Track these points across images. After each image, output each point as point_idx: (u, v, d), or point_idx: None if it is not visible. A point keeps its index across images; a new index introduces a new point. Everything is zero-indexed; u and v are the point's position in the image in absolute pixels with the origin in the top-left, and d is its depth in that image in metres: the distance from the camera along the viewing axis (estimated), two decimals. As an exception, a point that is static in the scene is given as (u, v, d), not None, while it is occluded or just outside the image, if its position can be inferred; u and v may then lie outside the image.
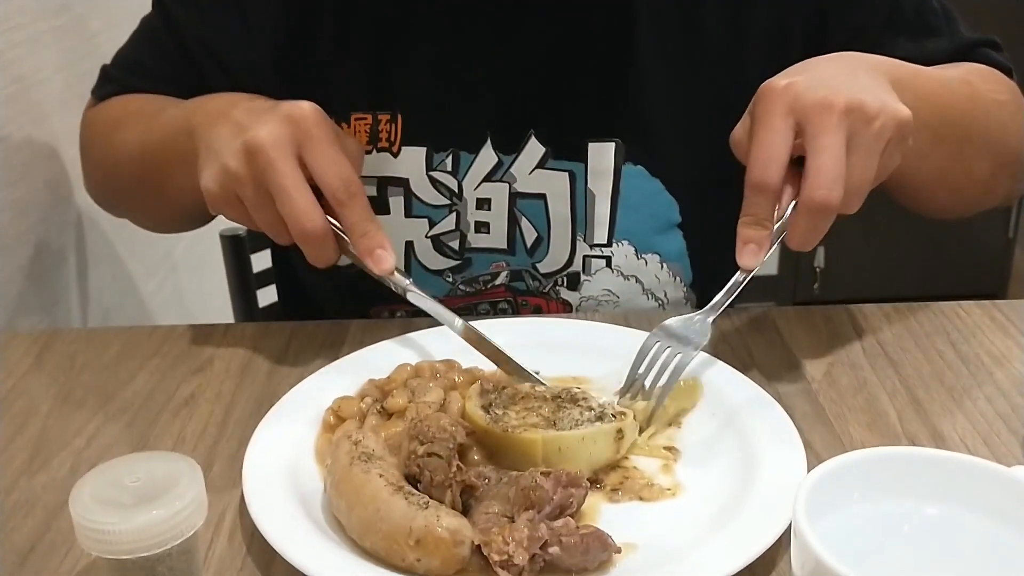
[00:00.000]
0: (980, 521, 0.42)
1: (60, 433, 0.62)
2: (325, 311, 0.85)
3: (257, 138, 0.60)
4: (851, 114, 0.56)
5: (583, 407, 0.57)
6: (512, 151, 0.78)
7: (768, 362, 0.68)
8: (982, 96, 0.74)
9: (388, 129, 0.78)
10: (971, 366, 0.67)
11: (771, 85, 0.59)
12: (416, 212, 0.79)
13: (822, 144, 0.56)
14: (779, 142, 0.57)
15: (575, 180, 0.78)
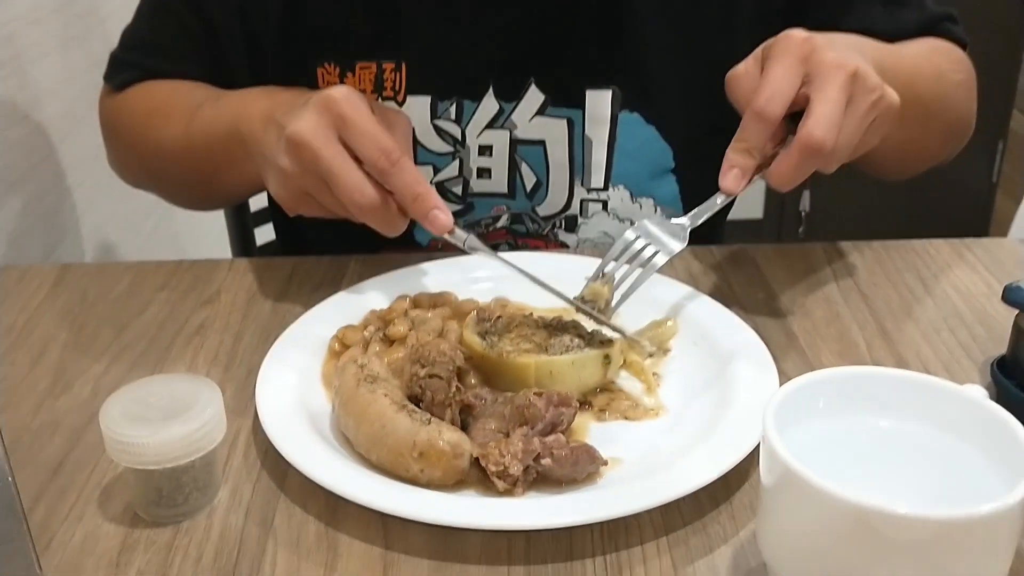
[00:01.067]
0: (932, 432, 0.46)
1: (78, 360, 0.65)
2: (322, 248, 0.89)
3: (297, 133, 0.63)
4: (857, 80, 0.60)
5: (573, 334, 0.61)
6: (513, 99, 0.80)
7: (747, 296, 0.72)
8: (945, 76, 0.79)
9: (393, 78, 0.80)
10: (938, 300, 0.71)
11: (792, 33, 0.62)
12: (421, 159, 0.82)
13: (828, 95, 0.59)
14: (788, 81, 0.60)
15: (573, 127, 0.81)
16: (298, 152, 0.63)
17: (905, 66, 0.73)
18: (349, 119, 0.63)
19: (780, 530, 0.44)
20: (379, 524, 0.50)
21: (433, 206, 0.64)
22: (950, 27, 0.82)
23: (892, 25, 0.79)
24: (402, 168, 0.63)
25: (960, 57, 0.83)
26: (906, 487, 0.44)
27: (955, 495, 0.42)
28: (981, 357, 0.64)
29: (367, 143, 0.63)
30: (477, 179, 0.83)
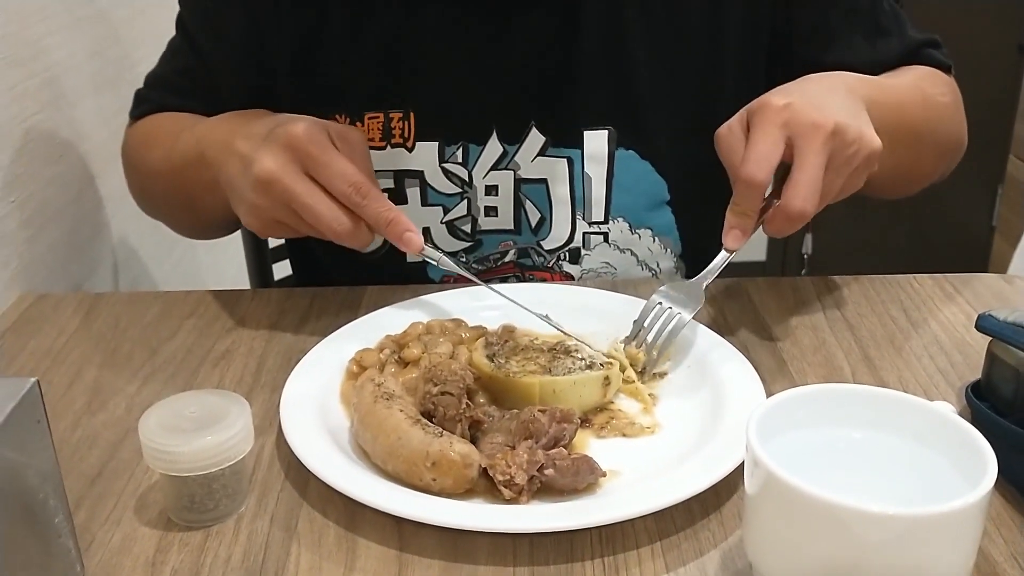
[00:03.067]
0: (904, 444, 0.50)
1: (112, 381, 0.70)
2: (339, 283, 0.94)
3: (265, 172, 0.67)
4: (835, 137, 0.65)
5: (575, 357, 0.65)
6: (515, 141, 0.85)
7: (740, 324, 0.76)
8: (932, 100, 0.84)
9: (401, 126, 0.85)
10: (919, 329, 0.76)
11: (770, 101, 0.66)
12: (431, 201, 0.87)
13: (808, 160, 0.64)
14: (772, 149, 0.65)
15: (573, 165, 0.86)
16: (268, 189, 0.68)
17: (893, 97, 0.79)
18: (315, 157, 0.67)
19: (763, 531, 0.48)
20: (394, 528, 0.54)
21: (405, 229, 0.69)
22: (933, 53, 0.88)
23: (875, 56, 0.85)
24: (372, 198, 0.68)
25: (945, 80, 0.88)
26: (879, 491, 0.48)
27: (923, 497, 0.46)
28: (958, 382, 0.68)
29: (337, 180, 0.67)
30: (485, 217, 0.88)
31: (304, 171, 0.68)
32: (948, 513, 0.43)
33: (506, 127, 0.85)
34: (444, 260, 0.72)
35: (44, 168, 0.91)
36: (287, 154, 0.68)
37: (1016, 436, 0.59)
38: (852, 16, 0.86)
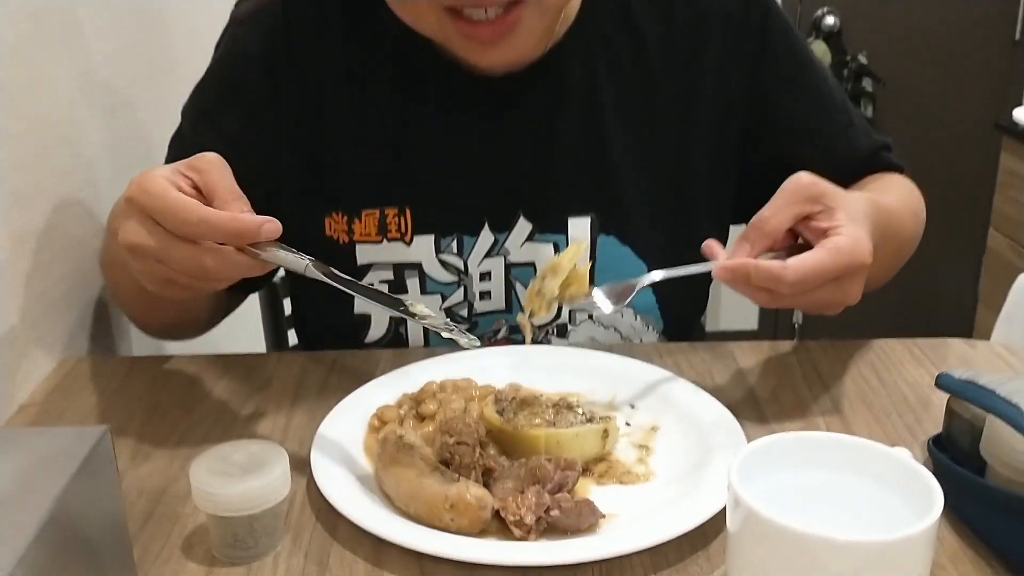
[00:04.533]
0: (867, 485, 0.57)
1: (154, 435, 0.77)
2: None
3: (125, 241, 0.68)
4: (860, 272, 0.72)
5: (577, 412, 0.72)
6: (505, 230, 0.92)
7: (726, 383, 0.84)
8: (918, 217, 0.93)
9: (397, 221, 0.90)
10: (889, 389, 0.83)
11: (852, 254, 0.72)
12: (430, 289, 0.93)
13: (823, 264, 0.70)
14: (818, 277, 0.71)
15: (558, 249, 0.92)
16: (134, 255, 0.68)
17: (896, 221, 0.87)
18: (150, 208, 0.66)
19: (744, 563, 0.55)
20: (416, 564, 0.61)
21: (258, 224, 0.66)
22: (889, 157, 0.97)
23: (848, 152, 0.94)
24: (210, 222, 0.65)
25: (915, 190, 0.97)
26: (843, 524, 0.55)
27: (880, 530, 0.53)
28: (922, 435, 0.75)
29: (171, 222, 0.66)
30: (479, 301, 0.94)
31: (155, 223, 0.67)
32: (901, 540, 0.49)
33: (496, 217, 0.91)
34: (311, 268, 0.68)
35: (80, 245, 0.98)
36: (136, 215, 0.67)
37: (972, 482, 0.66)
38: (824, 111, 0.94)
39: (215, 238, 0.66)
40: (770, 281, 0.71)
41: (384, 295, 0.70)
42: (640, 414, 0.77)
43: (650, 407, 0.78)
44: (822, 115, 0.94)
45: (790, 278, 0.70)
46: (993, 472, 0.65)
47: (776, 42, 0.92)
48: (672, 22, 0.90)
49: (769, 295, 0.72)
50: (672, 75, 0.91)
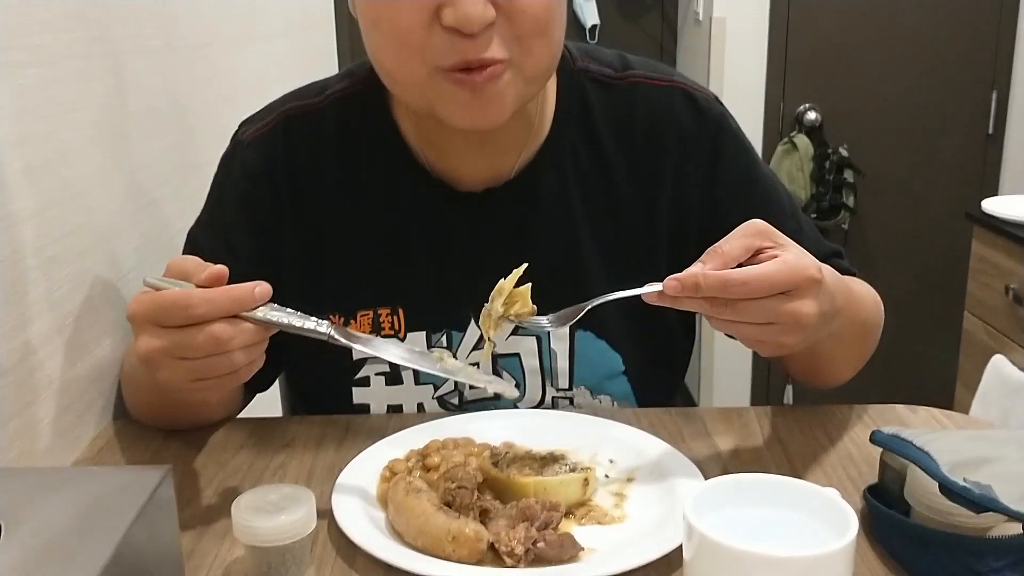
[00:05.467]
0: (800, 517, 0.68)
1: (192, 485, 0.88)
2: None
3: (142, 353, 0.76)
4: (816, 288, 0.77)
5: (561, 464, 0.84)
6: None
7: (694, 443, 0.95)
8: (875, 302, 1.01)
9: (390, 320, 1.00)
10: (837, 447, 0.94)
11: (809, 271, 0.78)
12: (423, 380, 1.02)
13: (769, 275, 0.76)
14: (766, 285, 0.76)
15: (541, 342, 1.01)
16: (155, 364, 0.76)
17: (856, 297, 0.94)
18: (151, 315, 0.74)
19: (697, 581, 0.66)
20: (423, 588, 0.71)
21: (251, 288, 0.75)
22: (841, 263, 1.03)
23: None
24: (207, 297, 0.73)
25: (872, 290, 1.04)
26: (779, 546, 0.66)
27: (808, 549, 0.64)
28: (862, 486, 0.86)
29: (175, 316, 0.73)
30: (469, 390, 1.03)
31: (161, 327, 0.75)
32: (824, 555, 0.61)
33: (482, 313, 0.99)
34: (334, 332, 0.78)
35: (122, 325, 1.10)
36: (143, 329, 0.75)
37: (898, 522, 0.77)
38: (774, 218, 1.01)
39: (218, 312, 0.73)
40: (718, 286, 0.75)
41: (414, 351, 0.82)
42: (618, 467, 0.88)
43: (627, 461, 0.89)
44: (771, 221, 1.04)
45: (737, 278, 0.75)
46: (916, 512, 0.77)
47: (727, 153, 1.02)
48: (633, 136, 1.01)
49: (720, 306, 0.76)
50: (634, 183, 1.01)
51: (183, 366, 0.76)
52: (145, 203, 1.14)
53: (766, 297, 0.76)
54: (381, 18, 0.85)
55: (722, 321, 0.79)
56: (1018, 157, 3.48)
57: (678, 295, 0.78)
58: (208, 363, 0.75)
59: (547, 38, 0.87)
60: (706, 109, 1.03)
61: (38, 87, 0.90)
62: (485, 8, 0.82)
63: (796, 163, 3.47)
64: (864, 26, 3.44)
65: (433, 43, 0.84)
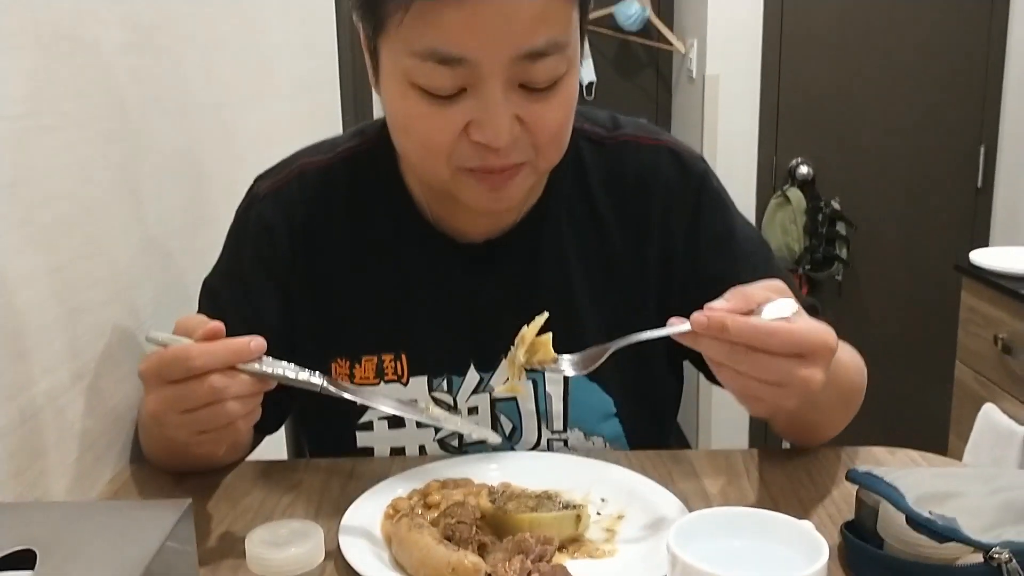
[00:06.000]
0: (776, 547, 0.73)
1: (206, 522, 0.92)
2: None
3: (150, 411, 0.84)
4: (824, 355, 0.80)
5: (555, 501, 0.89)
6: (489, 370, 1.06)
7: (683, 482, 1.00)
8: (859, 370, 1.06)
9: (393, 365, 1.05)
10: (818, 486, 0.99)
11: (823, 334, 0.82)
12: (425, 424, 1.03)
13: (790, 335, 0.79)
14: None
15: (537, 386, 1.06)
16: (162, 419, 0.83)
17: (841, 365, 0.94)
18: (157, 371, 0.81)
19: (681, 607, 0.70)
20: (425, 617, 0.76)
21: (247, 342, 0.81)
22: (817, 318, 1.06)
23: None
24: (206, 350, 0.80)
25: (854, 350, 1.08)
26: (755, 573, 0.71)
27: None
28: (840, 522, 0.91)
29: (176, 370, 0.80)
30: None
31: (169, 383, 0.81)
32: (795, 582, 0.66)
33: (481, 359, 1.05)
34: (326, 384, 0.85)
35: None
36: (150, 387, 0.83)
37: (872, 554, 0.82)
38: (750, 267, 1.06)
39: (216, 363, 0.80)
40: (747, 331, 0.78)
41: (401, 402, 0.88)
42: (609, 505, 0.93)
43: (618, 500, 0.94)
44: (747, 270, 1.05)
45: (766, 328, 0.78)
46: (888, 545, 0.81)
47: (708, 208, 1.09)
48: (623, 191, 1.08)
49: (738, 354, 0.79)
50: (625, 236, 1.08)
51: (186, 419, 0.82)
52: (161, 256, 1.20)
53: (783, 356, 0.79)
54: (411, 128, 0.93)
55: (730, 371, 0.81)
56: (1007, 209, 3.56)
57: (703, 332, 0.79)
58: (207, 413, 0.81)
59: (560, 143, 0.96)
60: (691, 167, 1.10)
61: (67, 148, 0.96)
62: (512, 127, 0.89)
63: (789, 216, 3.54)
64: (854, 83, 3.55)
65: (459, 150, 0.91)
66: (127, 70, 1.11)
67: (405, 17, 0.85)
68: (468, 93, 0.88)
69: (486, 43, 0.85)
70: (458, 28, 0.84)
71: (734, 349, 0.79)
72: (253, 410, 0.84)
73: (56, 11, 0.95)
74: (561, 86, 0.91)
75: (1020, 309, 2.45)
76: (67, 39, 0.97)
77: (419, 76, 0.88)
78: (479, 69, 0.86)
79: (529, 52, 0.86)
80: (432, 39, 0.85)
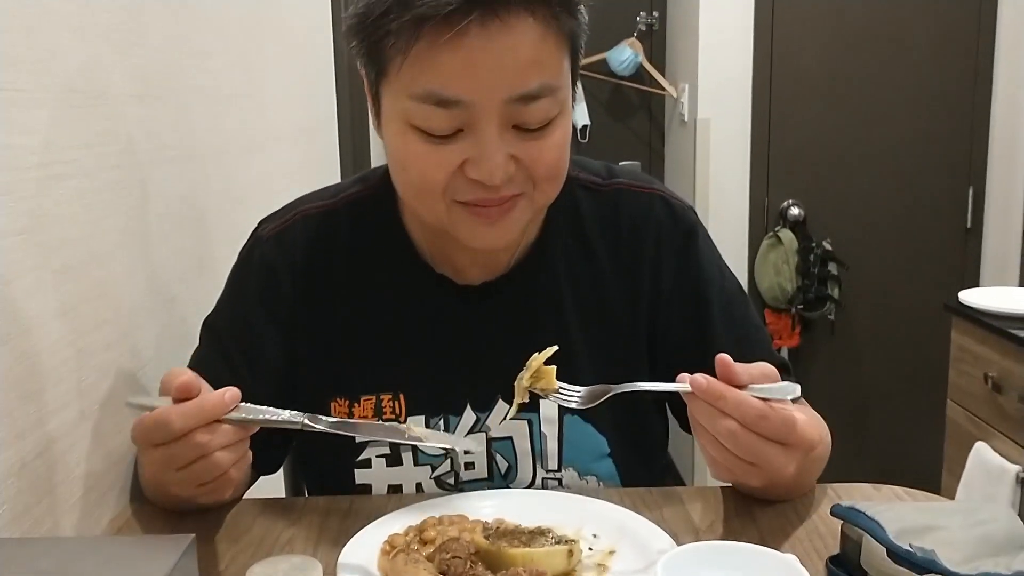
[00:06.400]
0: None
1: (208, 558, 0.94)
2: None
3: (148, 474, 0.93)
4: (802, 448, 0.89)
5: (547, 537, 0.91)
6: (485, 410, 1.09)
7: (673, 519, 1.02)
8: (825, 445, 1.07)
9: (392, 405, 1.08)
10: (805, 523, 1.01)
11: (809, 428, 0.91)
12: (422, 461, 1.09)
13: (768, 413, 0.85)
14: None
15: (532, 425, 1.09)
16: (160, 481, 0.93)
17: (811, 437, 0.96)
18: (146, 437, 0.89)
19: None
20: (421, 649, 0.78)
21: (221, 395, 0.87)
22: (788, 377, 1.06)
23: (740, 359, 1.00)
24: (184, 412, 0.86)
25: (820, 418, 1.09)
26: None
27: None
28: (826, 557, 0.93)
29: (161, 434, 0.87)
30: (465, 471, 1.10)
31: (159, 446, 0.88)
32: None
33: (477, 400, 1.09)
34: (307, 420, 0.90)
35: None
36: (143, 452, 0.92)
37: (855, 587, 0.84)
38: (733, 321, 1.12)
39: (194, 423, 0.86)
40: (739, 408, 0.84)
41: (382, 426, 0.93)
42: (601, 541, 0.96)
43: (609, 535, 0.96)
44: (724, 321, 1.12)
45: (758, 409, 0.84)
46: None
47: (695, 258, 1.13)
48: (617, 236, 1.12)
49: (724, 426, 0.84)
50: (618, 278, 1.12)
51: (181, 476, 0.88)
52: (164, 299, 1.24)
53: (766, 439, 0.85)
54: (410, 166, 0.97)
55: (709, 437, 0.87)
56: (997, 249, 3.61)
57: (700, 395, 0.85)
58: (199, 468, 0.87)
59: (556, 181, 1.00)
60: (682, 216, 1.15)
61: (76, 196, 1.00)
62: (507, 164, 0.93)
63: (782, 256, 3.59)
64: (843, 126, 3.61)
65: (455, 184, 0.95)
66: (135, 120, 1.15)
67: (404, 63, 0.90)
68: (464, 133, 0.92)
69: (481, 86, 0.89)
70: (454, 72, 0.89)
71: (723, 419, 0.84)
72: (242, 456, 0.91)
73: (69, 64, 0.99)
74: (554, 127, 0.95)
75: (1010, 348, 2.48)
76: (79, 92, 1.01)
77: (417, 118, 0.92)
78: (474, 110, 0.90)
79: (522, 95, 0.91)
80: (430, 83, 0.90)
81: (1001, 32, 3.50)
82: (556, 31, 0.92)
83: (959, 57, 3.56)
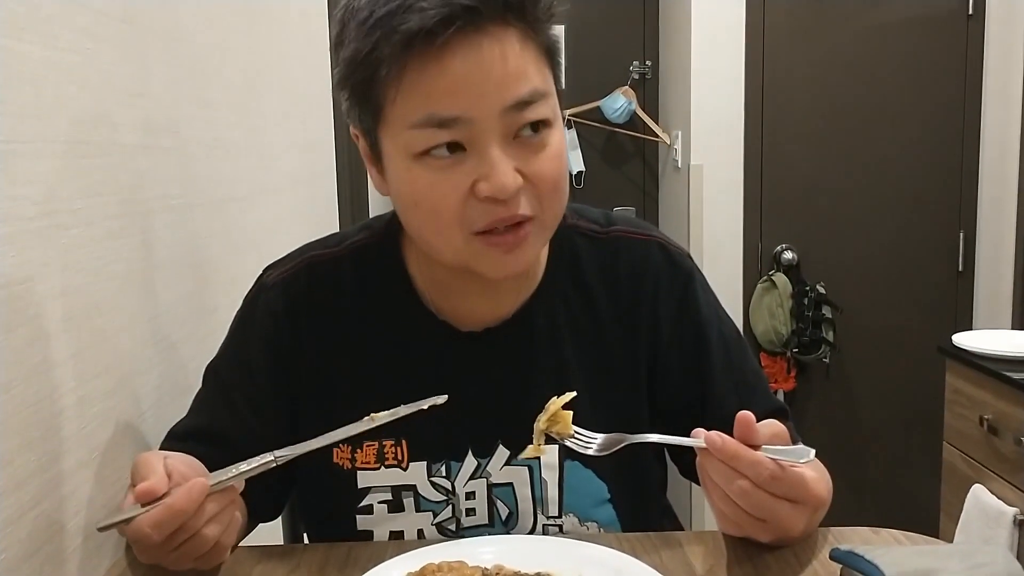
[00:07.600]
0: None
1: (208, 607, 0.95)
2: None
3: (146, 563, 0.95)
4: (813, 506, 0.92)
5: (545, 582, 0.91)
6: (486, 456, 1.09)
7: (672, 564, 1.02)
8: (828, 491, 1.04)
9: (393, 451, 1.08)
10: (804, 567, 1.01)
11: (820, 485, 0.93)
12: (423, 507, 1.09)
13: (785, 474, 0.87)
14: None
15: (533, 472, 1.09)
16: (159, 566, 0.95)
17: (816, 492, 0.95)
18: (134, 541, 0.92)
19: None
20: None
21: (187, 493, 0.89)
22: (787, 422, 1.07)
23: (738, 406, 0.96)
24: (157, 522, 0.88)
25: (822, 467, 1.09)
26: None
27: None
28: (825, 599, 0.94)
29: (142, 543, 0.91)
30: (466, 517, 1.10)
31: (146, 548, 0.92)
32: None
33: (479, 446, 1.09)
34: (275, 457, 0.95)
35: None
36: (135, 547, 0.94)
37: (855, 631, 0.84)
38: (730, 367, 1.14)
39: (172, 528, 0.89)
40: (752, 469, 0.86)
41: (349, 427, 0.96)
42: (600, 586, 0.96)
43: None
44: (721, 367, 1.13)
45: (771, 471, 0.86)
46: (870, 622, 0.84)
47: (693, 305, 1.14)
48: (616, 283, 1.14)
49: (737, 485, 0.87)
50: (618, 325, 1.13)
51: (177, 556, 0.92)
52: (165, 346, 1.24)
53: (778, 498, 0.87)
54: (421, 199, 0.98)
55: (721, 492, 0.89)
56: (989, 292, 3.63)
57: (715, 452, 0.87)
58: (191, 546, 0.91)
59: (560, 194, 1.02)
60: (679, 262, 1.17)
61: (79, 245, 1.01)
62: (515, 177, 0.95)
63: (776, 300, 3.61)
64: (835, 170, 3.65)
65: (469, 212, 0.96)
66: (136, 169, 1.16)
67: (398, 94, 0.93)
68: (468, 153, 0.94)
69: (476, 100, 0.92)
70: (448, 90, 0.91)
71: (736, 478, 0.86)
72: (230, 521, 0.94)
73: (74, 115, 1.01)
74: (551, 134, 0.98)
75: (1004, 391, 2.49)
76: (83, 143, 1.02)
77: (420, 144, 0.94)
78: (474, 127, 0.93)
79: (517, 102, 0.94)
80: (426, 105, 0.92)
81: (988, 81, 3.56)
82: (535, 41, 0.95)
83: (949, 105, 3.61)
